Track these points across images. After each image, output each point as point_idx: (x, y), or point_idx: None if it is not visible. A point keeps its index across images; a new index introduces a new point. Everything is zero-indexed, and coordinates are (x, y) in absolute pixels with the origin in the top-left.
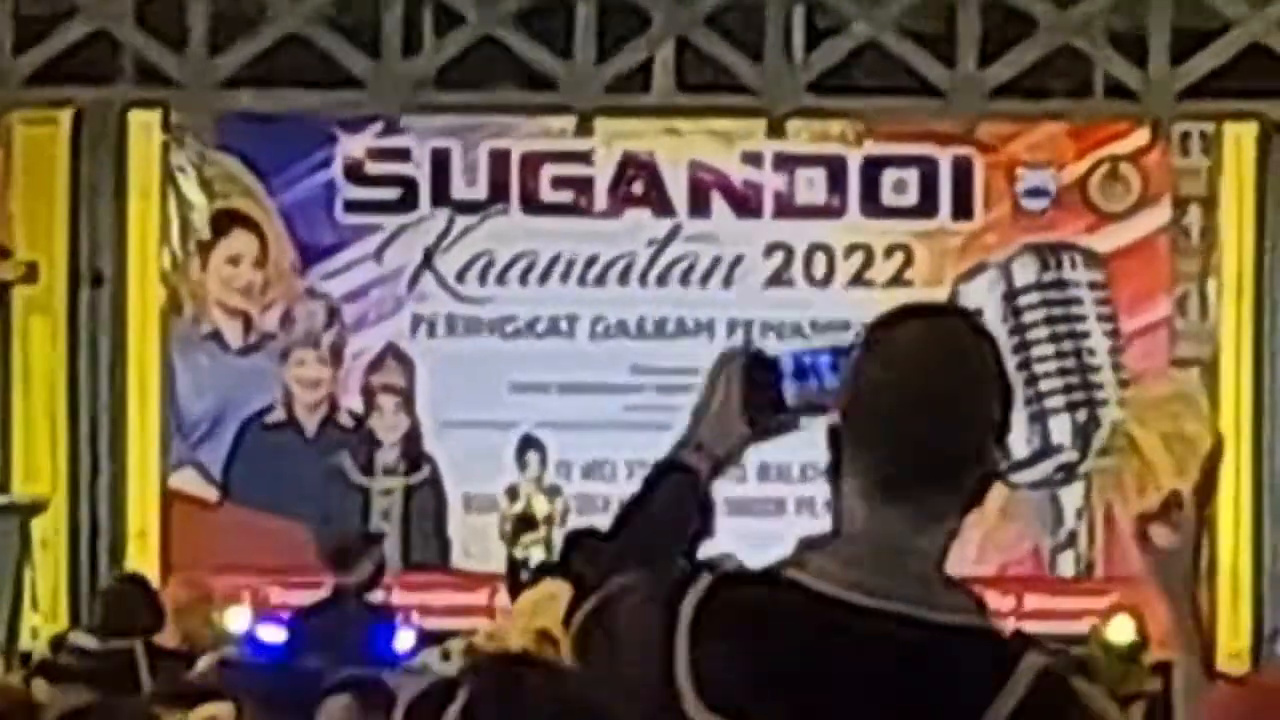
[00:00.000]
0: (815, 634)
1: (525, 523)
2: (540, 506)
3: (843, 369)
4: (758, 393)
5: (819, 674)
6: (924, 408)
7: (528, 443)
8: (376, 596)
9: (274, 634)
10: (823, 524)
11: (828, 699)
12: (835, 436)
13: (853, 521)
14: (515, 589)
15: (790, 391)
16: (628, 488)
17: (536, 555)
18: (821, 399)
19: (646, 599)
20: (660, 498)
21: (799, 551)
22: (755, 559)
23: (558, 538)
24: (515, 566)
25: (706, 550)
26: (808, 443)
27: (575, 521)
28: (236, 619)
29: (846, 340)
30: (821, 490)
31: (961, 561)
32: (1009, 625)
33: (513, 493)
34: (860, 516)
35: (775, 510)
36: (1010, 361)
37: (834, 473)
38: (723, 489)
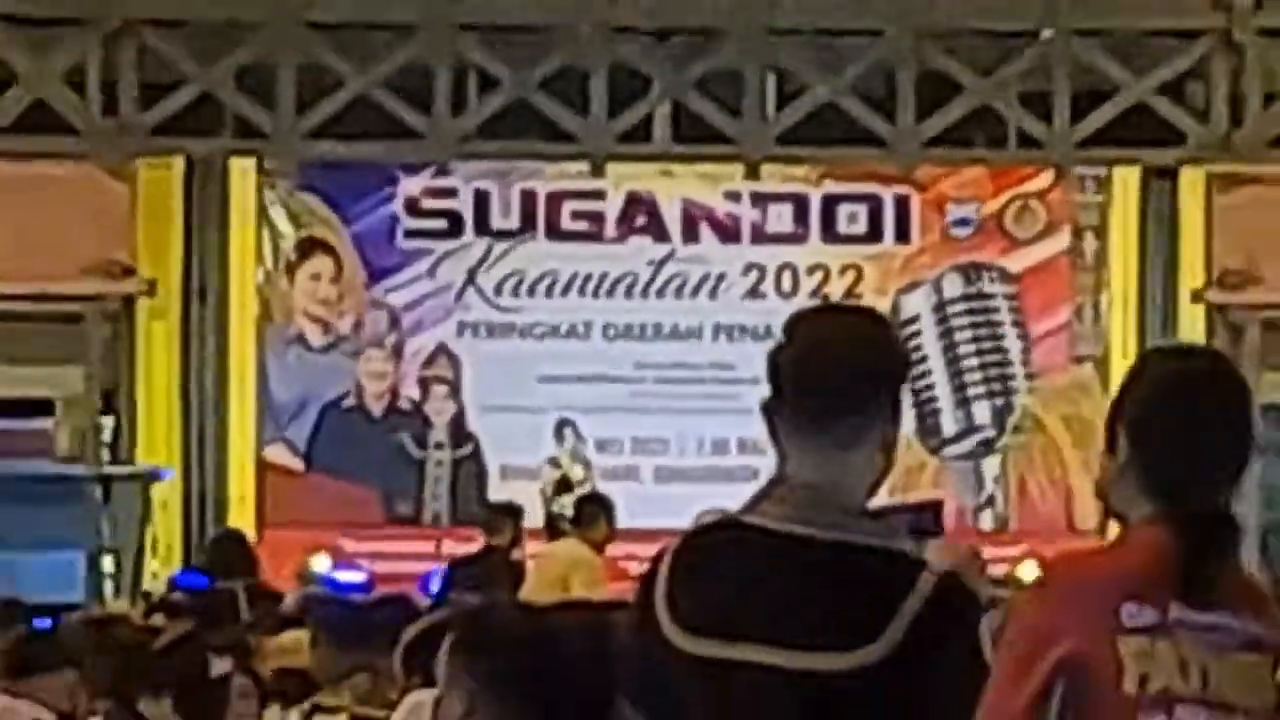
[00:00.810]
0: (765, 559)
1: (564, 485)
2: (576, 473)
3: None
4: None
5: (764, 591)
6: (823, 367)
7: (563, 423)
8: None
9: (349, 576)
10: None
11: (772, 609)
12: (767, 408)
13: (788, 469)
14: (553, 536)
15: None
16: (633, 460)
17: (569, 511)
18: None
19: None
20: None
21: (749, 503)
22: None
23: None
24: (552, 519)
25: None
26: None
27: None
28: (319, 564)
29: None
30: None
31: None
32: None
33: (554, 462)
34: (792, 466)
35: (751, 476)
36: (940, 360)
37: (772, 436)
38: (714, 461)
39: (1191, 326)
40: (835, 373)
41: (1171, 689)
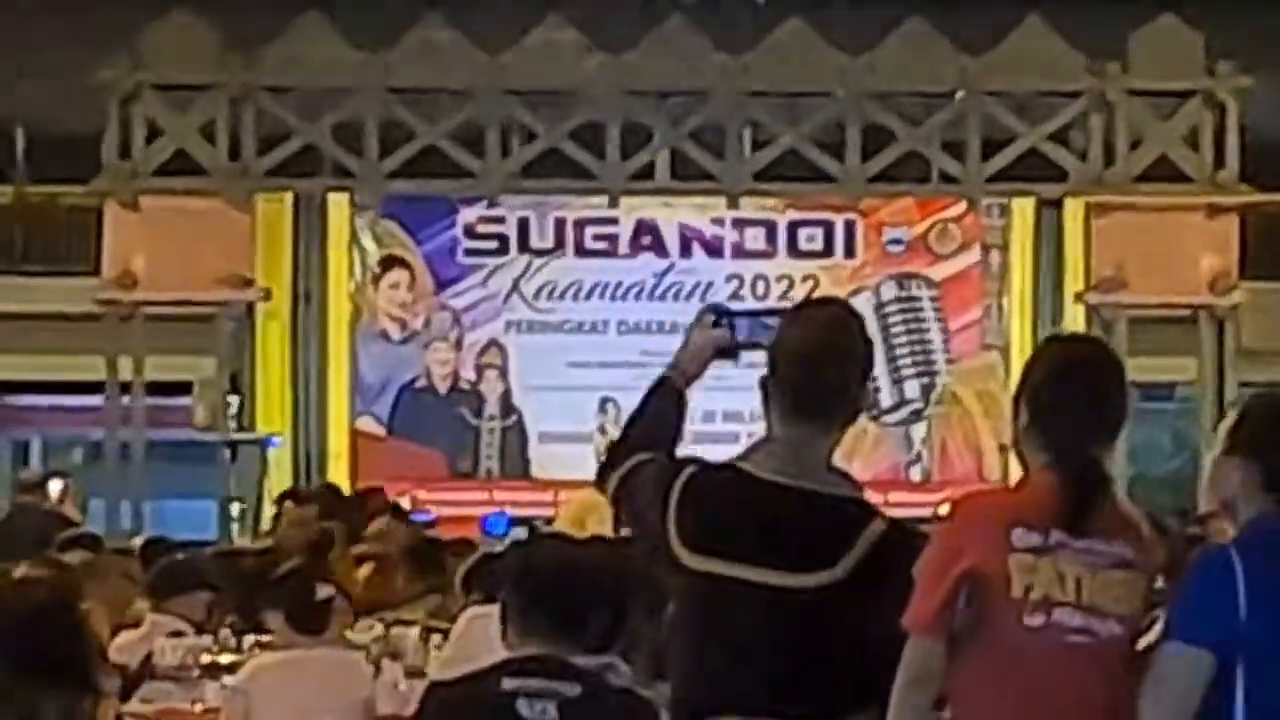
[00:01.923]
0: (752, 499)
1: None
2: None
3: (757, 327)
4: (722, 327)
5: (752, 523)
6: (813, 362)
7: (606, 400)
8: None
9: (421, 519)
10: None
11: (758, 538)
12: (764, 383)
13: (775, 432)
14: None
15: (738, 334)
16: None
17: None
18: (752, 340)
19: (657, 470)
20: (656, 403)
21: (745, 452)
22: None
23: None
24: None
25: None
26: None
27: None
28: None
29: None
30: (758, 428)
31: (852, 466)
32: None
33: (602, 430)
34: (778, 430)
35: (733, 439)
36: (879, 349)
37: (765, 405)
38: (704, 428)
39: (1074, 321)
40: (820, 374)
41: (1050, 596)
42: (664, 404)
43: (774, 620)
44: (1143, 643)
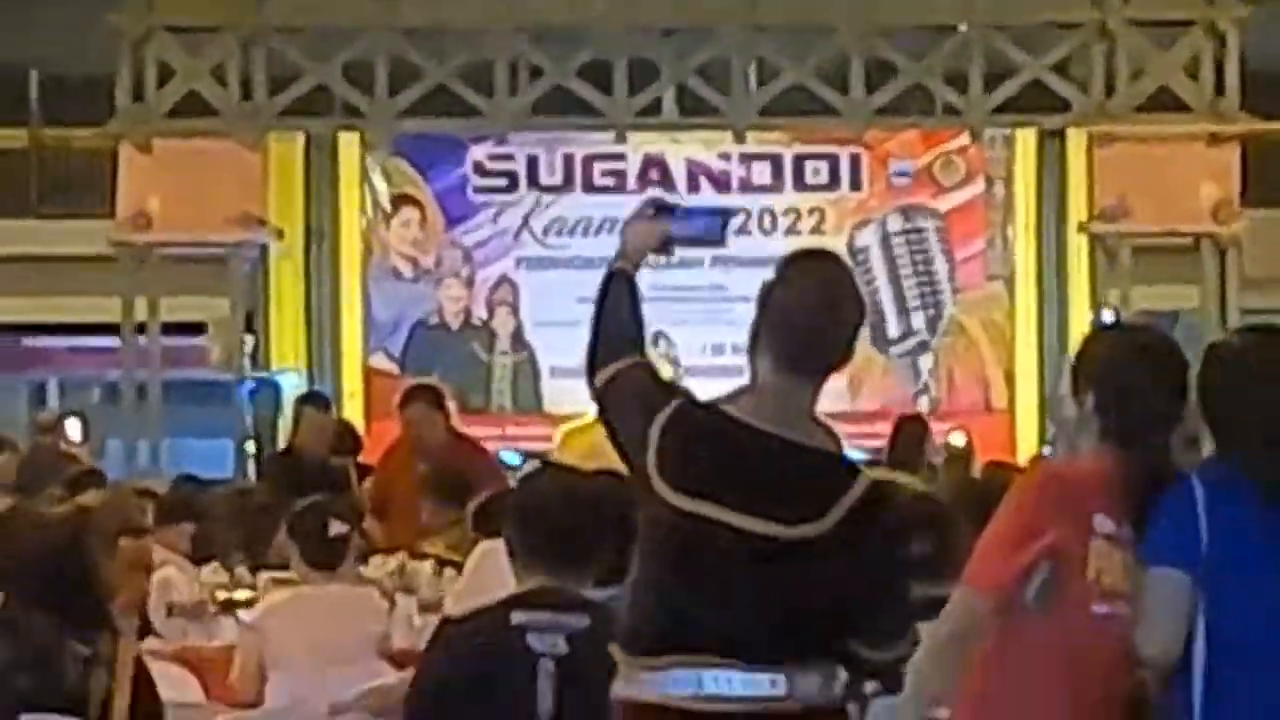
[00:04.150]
0: (739, 445)
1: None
2: (666, 371)
3: (714, 225)
4: (658, 217)
5: (731, 467)
6: (812, 312)
7: (658, 335)
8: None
9: None
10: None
11: (735, 480)
12: (755, 331)
13: (762, 380)
14: None
15: (675, 228)
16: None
17: None
18: (694, 235)
19: (640, 383)
20: (615, 291)
21: (729, 396)
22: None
23: None
24: None
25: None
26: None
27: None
28: None
29: (721, 208)
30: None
31: (858, 400)
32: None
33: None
34: (766, 378)
35: (739, 372)
36: (885, 280)
37: (752, 352)
38: (712, 360)
39: (1077, 251)
40: (818, 332)
41: (1117, 587)
42: (621, 291)
43: (753, 568)
44: None
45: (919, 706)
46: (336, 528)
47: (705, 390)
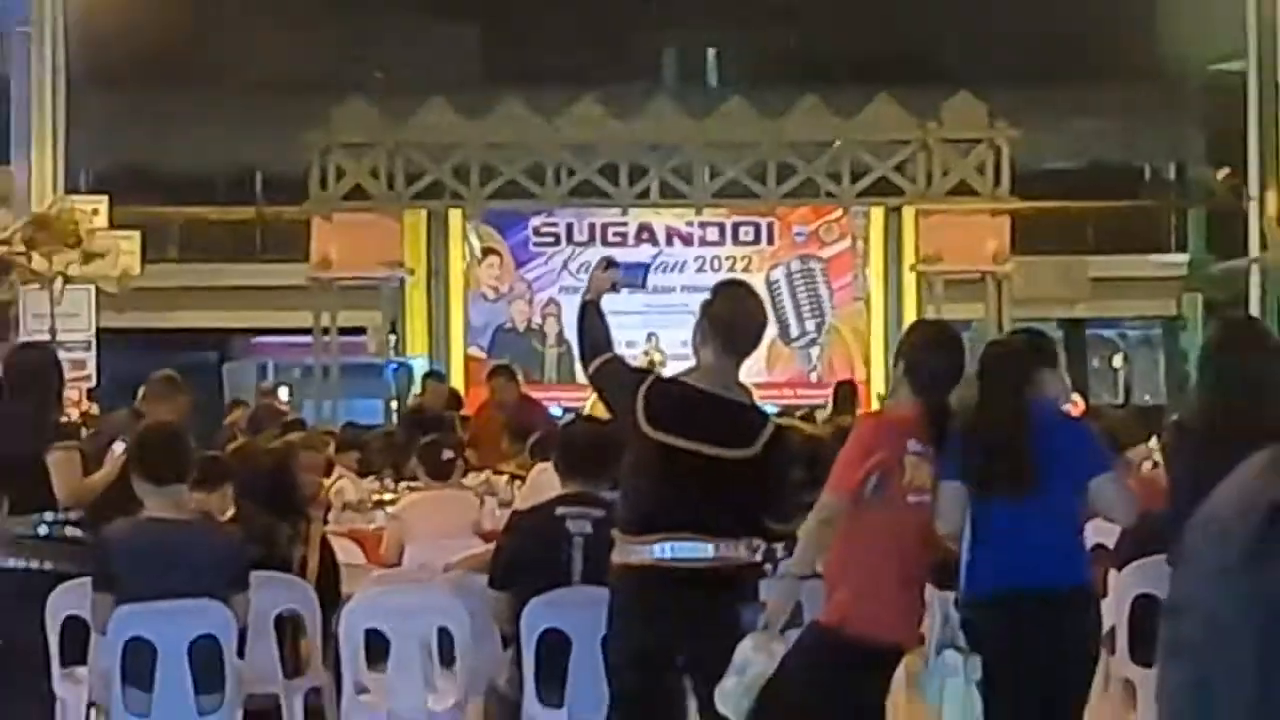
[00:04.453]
0: (689, 400)
1: (651, 364)
2: (658, 358)
3: (640, 273)
4: (611, 270)
5: (691, 415)
6: (738, 318)
7: (651, 334)
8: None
9: None
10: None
11: (694, 423)
12: (702, 329)
13: (704, 361)
14: None
15: (620, 274)
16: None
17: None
18: (629, 280)
19: (622, 370)
20: (589, 314)
21: (684, 372)
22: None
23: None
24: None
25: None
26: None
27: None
28: None
29: (644, 263)
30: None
31: (773, 375)
32: (790, 403)
33: (646, 354)
34: (707, 360)
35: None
36: (789, 302)
37: (696, 343)
38: (683, 351)
39: (909, 283)
40: (742, 330)
41: (924, 485)
42: (593, 314)
43: (706, 475)
44: None
45: (804, 565)
46: (447, 454)
47: (677, 370)
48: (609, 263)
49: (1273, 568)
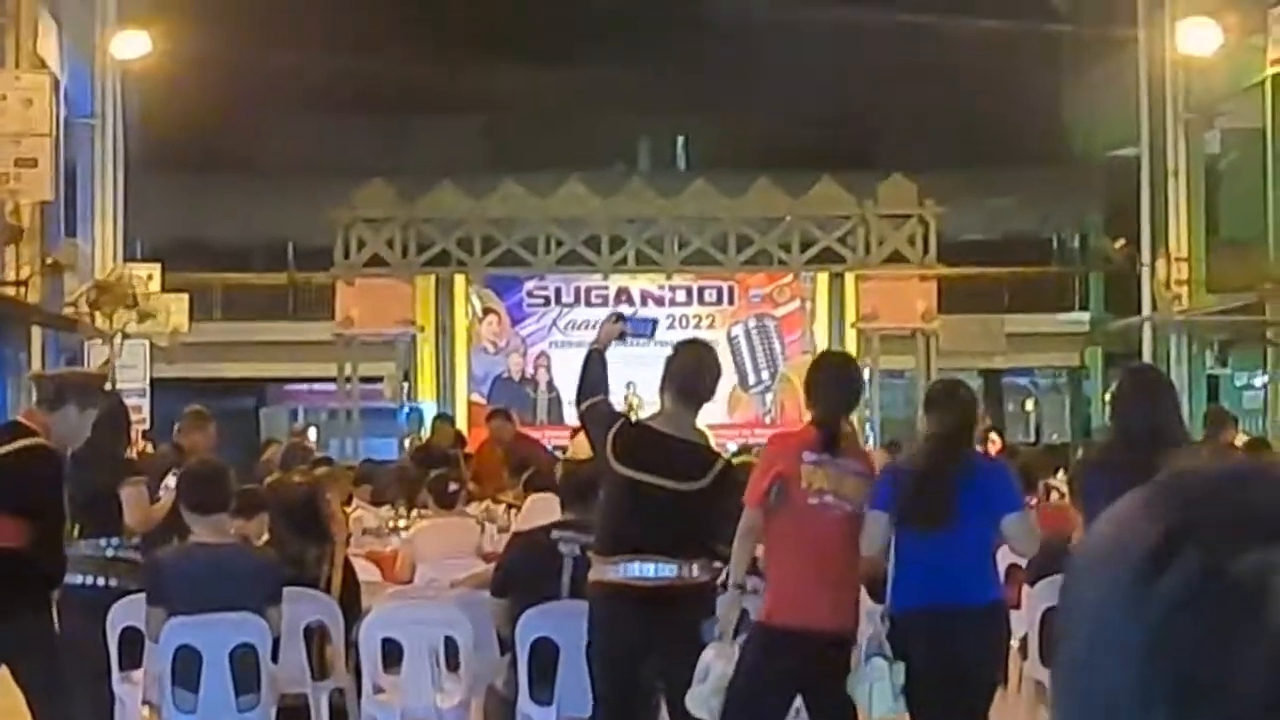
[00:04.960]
0: (650, 440)
1: (629, 409)
2: (635, 403)
3: (648, 327)
4: (619, 323)
5: (651, 453)
6: (693, 371)
7: (629, 382)
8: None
9: None
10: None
11: (653, 460)
12: (664, 381)
13: (666, 407)
14: None
15: (628, 328)
16: (622, 396)
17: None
18: (637, 332)
19: (605, 411)
20: (593, 362)
21: (650, 416)
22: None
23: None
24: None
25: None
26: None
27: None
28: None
29: (652, 319)
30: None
31: (733, 418)
32: (747, 441)
33: (626, 399)
34: (668, 406)
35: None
36: (746, 355)
37: (661, 392)
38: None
39: (851, 338)
40: (699, 382)
41: (823, 488)
42: (598, 362)
43: (665, 505)
44: None
45: (738, 573)
46: (453, 487)
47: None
48: (618, 316)
49: (1148, 614)
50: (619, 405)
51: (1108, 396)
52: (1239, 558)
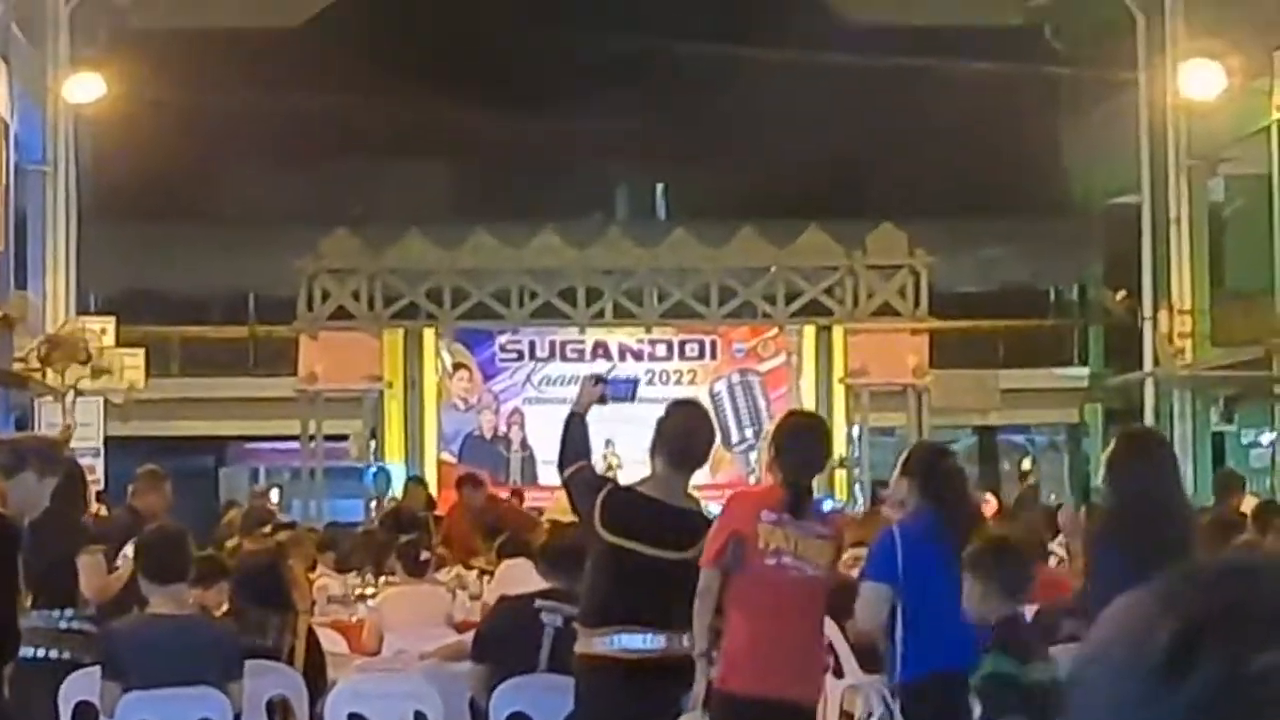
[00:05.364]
0: (640, 507)
1: (608, 469)
2: (614, 461)
3: (629, 389)
4: (599, 386)
5: (641, 521)
6: (687, 435)
7: (609, 440)
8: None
9: None
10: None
11: (643, 528)
12: (655, 444)
13: (658, 472)
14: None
15: (608, 390)
16: (601, 455)
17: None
18: (617, 395)
19: (590, 476)
20: (574, 427)
21: (639, 481)
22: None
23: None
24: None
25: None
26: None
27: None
28: None
29: (633, 379)
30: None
31: (716, 477)
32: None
33: (605, 457)
34: (660, 471)
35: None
36: (730, 414)
37: (652, 454)
38: (640, 456)
39: (839, 395)
40: (692, 447)
41: (780, 548)
42: (579, 426)
43: (654, 574)
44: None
45: (700, 639)
46: (425, 556)
47: (634, 472)
48: (598, 379)
49: (1168, 716)
50: (601, 468)
51: (1103, 459)
52: (1255, 658)
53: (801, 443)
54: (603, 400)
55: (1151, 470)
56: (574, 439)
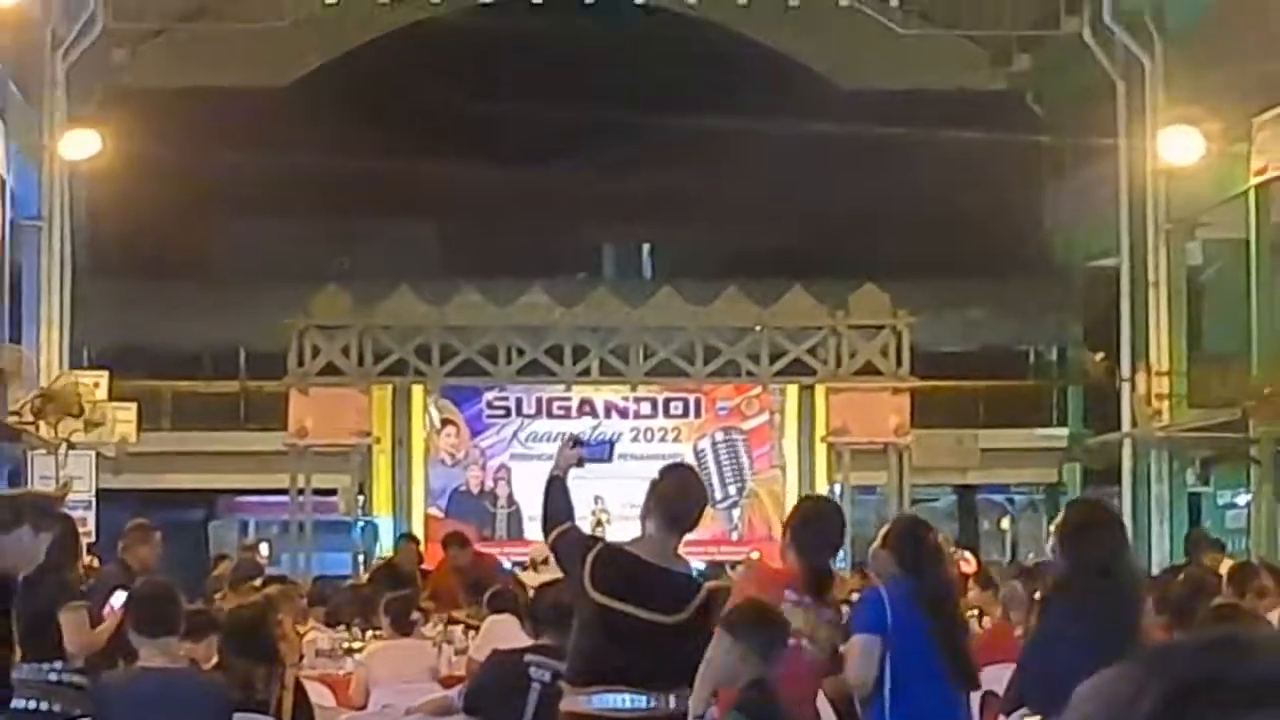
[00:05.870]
0: (630, 568)
1: (598, 524)
2: (603, 517)
3: (605, 450)
4: (576, 449)
5: (630, 582)
6: (680, 498)
7: (597, 496)
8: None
9: None
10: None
11: (632, 589)
12: (647, 506)
13: (649, 533)
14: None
15: (585, 452)
16: (590, 511)
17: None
18: (595, 456)
19: (576, 537)
20: (555, 490)
21: (630, 541)
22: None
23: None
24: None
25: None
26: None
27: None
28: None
29: (609, 440)
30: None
31: (699, 533)
32: (714, 558)
33: (594, 513)
34: (653, 533)
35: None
36: (713, 470)
37: (643, 516)
38: (628, 512)
39: (821, 452)
40: (684, 511)
41: (799, 630)
42: (560, 489)
43: (642, 635)
44: None
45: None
46: (415, 616)
47: (621, 528)
48: (575, 441)
49: None
50: (587, 525)
51: (1053, 529)
52: None
53: (820, 525)
54: (580, 463)
55: (1102, 537)
56: (555, 502)
